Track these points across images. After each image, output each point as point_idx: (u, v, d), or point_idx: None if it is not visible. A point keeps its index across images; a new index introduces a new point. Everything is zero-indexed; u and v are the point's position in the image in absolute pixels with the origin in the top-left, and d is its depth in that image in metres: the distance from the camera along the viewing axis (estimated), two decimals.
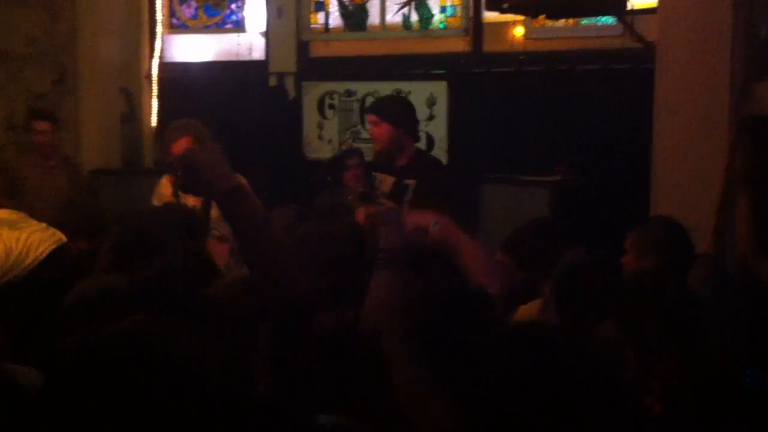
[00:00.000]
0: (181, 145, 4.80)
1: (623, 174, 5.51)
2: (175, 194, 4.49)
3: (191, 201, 3.76)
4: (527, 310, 3.11)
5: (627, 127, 5.50)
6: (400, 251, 2.41)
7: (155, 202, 4.90)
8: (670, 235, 3.43)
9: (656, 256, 3.33)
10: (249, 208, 2.06)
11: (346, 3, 6.80)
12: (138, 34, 6.99)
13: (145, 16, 7.06)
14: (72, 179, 5.57)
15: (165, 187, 4.98)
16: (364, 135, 6.63)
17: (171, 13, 7.28)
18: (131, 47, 6.84)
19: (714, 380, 2.34)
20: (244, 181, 2.26)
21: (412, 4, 6.55)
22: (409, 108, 4.66)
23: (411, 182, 4.33)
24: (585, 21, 5.87)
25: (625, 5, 4.72)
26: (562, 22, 5.82)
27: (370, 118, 4.58)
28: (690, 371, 2.34)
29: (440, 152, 6.21)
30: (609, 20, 5.77)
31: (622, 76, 5.58)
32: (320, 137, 6.81)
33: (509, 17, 5.91)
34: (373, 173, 4.53)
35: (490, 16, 6.09)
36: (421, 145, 6.39)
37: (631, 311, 2.57)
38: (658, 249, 3.37)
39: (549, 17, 5.15)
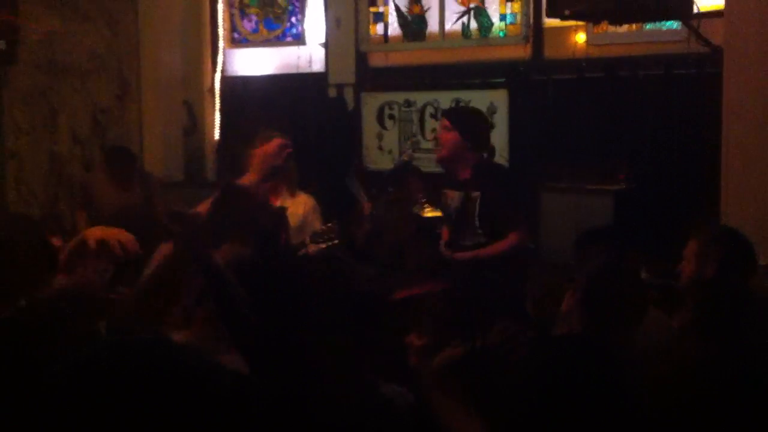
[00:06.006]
0: (272, 146, 4.89)
1: (688, 181, 5.39)
2: None
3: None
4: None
5: (692, 133, 5.38)
6: None
7: None
8: (731, 244, 3.35)
9: (716, 265, 3.27)
10: None
11: (405, 13, 6.79)
12: (200, 48, 7.08)
13: (207, 31, 7.16)
14: (145, 191, 5.59)
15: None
16: (424, 145, 6.60)
17: (232, 27, 7.37)
18: (193, 61, 6.93)
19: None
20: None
21: (471, 12, 6.51)
22: (482, 122, 4.63)
23: (476, 195, 4.32)
24: (648, 26, 5.76)
25: (691, 9, 4.62)
26: (624, 27, 5.71)
27: (443, 121, 4.60)
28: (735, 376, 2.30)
29: (501, 161, 6.15)
30: (672, 25, 5.66)
31: (686, 82, 5.46)
32: (380, 148, 6.80)
33: (570, 23, 5.84)
34: (444, 191, 4.53)
35: (551, 22, 6.03)
36: None
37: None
38: (718, 258, 3.30)
39: (612, 23, 5.07)
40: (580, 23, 5.87)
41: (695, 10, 4.89)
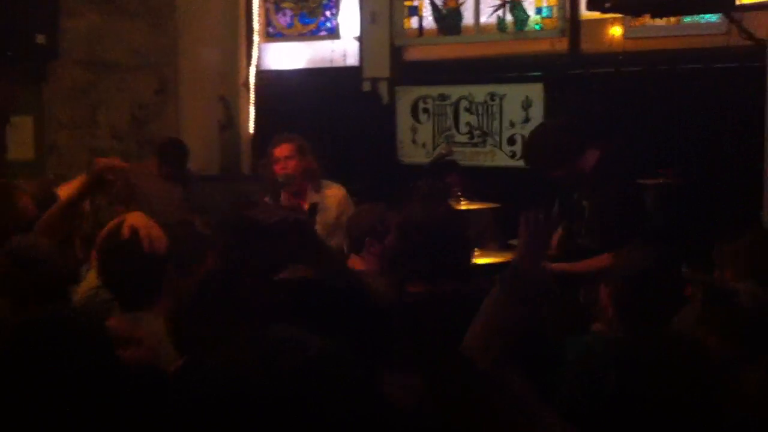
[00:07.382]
0: (283, 150, 4.89)
1: (729, 177, 5.35)
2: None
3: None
4: None
5: (732, 128, 5.34)
6: (528, 282, 2.37)
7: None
8: (753, 247, 3.32)
9: (736, 270, 3.27)
10: None
11: (440, 6, 6.78)
12: (235, 43, 7.11)
13: (242, 26, 7.18)
14: (185, 185, 5.61)
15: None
16: (459, 138, 6.60)
17: (267, 21, 7.38)
18: (229, 56, 6.96)
19: None
20: None
21: (507, 5, 6.49)
22: (549, 142, 4.24)
23: (586, 204, 4.21)
24: (687, 19, 5.72)
25: (734, 1, 4.58)
26: (662, 20, 5.68)
27: None
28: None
29: None
30: (712, 18, 5.61)
31: (727, 75, 5.42)
32: (414, 141, 6.81)
33: (607, 17, 5.80)
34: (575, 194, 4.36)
35: (587, 15, 5.99)
36: (517, 149, 6.36)
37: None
38: (741, 261, 3.29)
39: (653, 16, 5.03)
40: (617, 16, 5.83)
41: (737, 2, 4.85)
